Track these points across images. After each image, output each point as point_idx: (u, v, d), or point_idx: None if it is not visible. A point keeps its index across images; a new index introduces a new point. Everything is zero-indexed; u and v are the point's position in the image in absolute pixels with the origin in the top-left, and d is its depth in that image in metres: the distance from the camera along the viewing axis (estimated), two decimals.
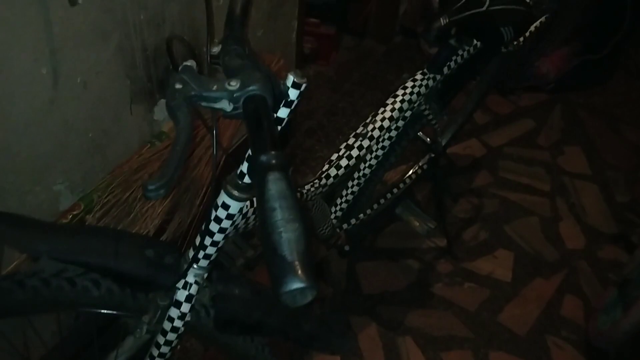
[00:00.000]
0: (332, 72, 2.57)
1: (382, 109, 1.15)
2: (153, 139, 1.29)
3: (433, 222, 1.59)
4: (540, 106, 2.51)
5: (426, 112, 1.28)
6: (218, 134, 0.71)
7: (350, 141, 1.13)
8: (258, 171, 0.51)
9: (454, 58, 1.22)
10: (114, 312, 0.85)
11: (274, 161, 0.51)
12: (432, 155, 1.65)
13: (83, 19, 1.00)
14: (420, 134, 1.48)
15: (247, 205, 0.86)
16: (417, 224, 1.59)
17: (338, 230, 1.45)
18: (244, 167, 0.73)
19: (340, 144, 1.16)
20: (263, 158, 0.51)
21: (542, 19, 1.42)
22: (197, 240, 0.78)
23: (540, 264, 1.85)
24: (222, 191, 0.73)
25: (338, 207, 1.39)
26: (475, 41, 1.23)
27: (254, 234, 1.51)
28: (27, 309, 0.80)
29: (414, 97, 1.18)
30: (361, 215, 1.49)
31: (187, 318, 0.83)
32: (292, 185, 0.50)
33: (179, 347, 0.95)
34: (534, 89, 2.54)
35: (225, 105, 0.59)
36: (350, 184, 1.35)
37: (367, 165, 1.32)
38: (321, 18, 2.53)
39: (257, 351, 0.97)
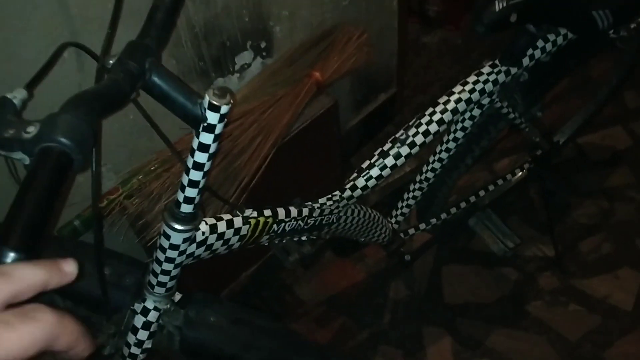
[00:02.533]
0: (460, 39, 2.29)
1: (430, 110, 0.94)
2: None
3: (515, 240, 1.33)
4: None
5: (504, 111, 1.04)
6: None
7: (386, 147, 0.94)
8: None
9: (537, 46, 0.96)
10: None
11: None
12: (540, 153, 1.37)
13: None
14: (527, 126, 1.20)
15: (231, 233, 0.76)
16: (492, 241, 1.34)
17: (402, 235, 1.28)
18: (180, 196, 0.63)
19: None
20: None
21: None
22: (152, 266, 0.71)
23: None
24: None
25: (399, 212, 1.22)
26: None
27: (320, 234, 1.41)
28: None
29: (475, 95, 0.94)
30: (433, 220, 1.29)
31: (147, 346, 0.76)
32: None
33: None
34: None
35: (23, 157, 0.45)
36: (411, 187, 1.18)
37: (429, 168, 1.13)
38: None
39: None
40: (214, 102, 0.54)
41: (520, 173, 1.47)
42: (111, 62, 0.55)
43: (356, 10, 1.47)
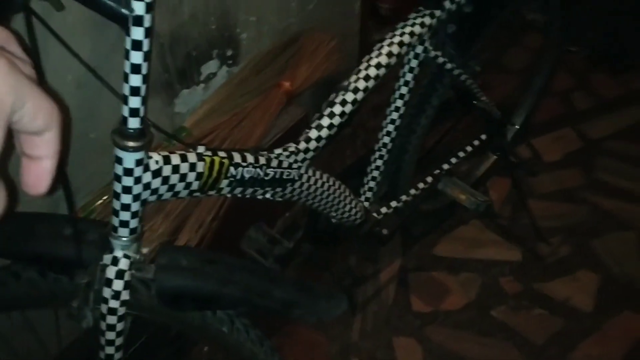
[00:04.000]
0: None
1: (367, 57, 0.97)
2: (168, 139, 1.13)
3: (484, 197, 1.37)
4: None
5: (441, 61, 1.08)
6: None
7: (331, 97, 0.97)
8: None
9: None
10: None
11: None
12: (492, 124, 1.41)
13: (64, 17, 0.84)
14: (475, 88, 1.26)
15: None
16: (464, 197, 1.37)
17: (376, 215, 1.25)
18: (124, 110, 0.62)
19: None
20: None
21: None
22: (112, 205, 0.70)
23: (631, 293, 1.54)
24: None
25: (366, 187, 1.22)
26: None
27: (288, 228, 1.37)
28: None
29: (406, 37, 0.97)
30: (404, 197, 1.28)
31: (124, 297, 0.73)
32: None
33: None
34: None
35: None
36: (372, 157, 1.18)
37: (384, 133, 1.14)
38: None
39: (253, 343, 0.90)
40: None
41: (477, 142, 1.48)
42: None
43: (322, 13, 1.42)
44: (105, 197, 1.05)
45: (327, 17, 1.46)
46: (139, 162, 0.65)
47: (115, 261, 0.72)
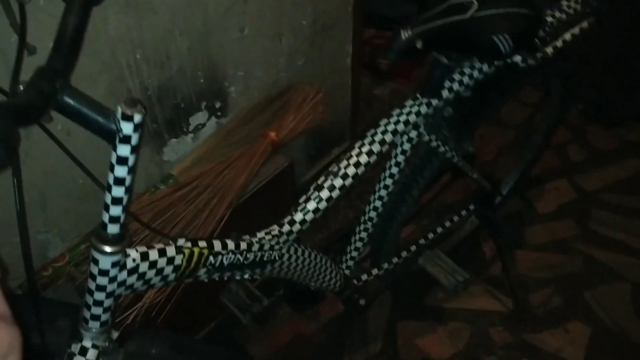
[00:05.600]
0: (411, 91, 2.35)
1: (359, 142, 0.98)
2: (158, 184, 1.18)
3: (464, 275, 1.37)
4: None
5: (434, 144, 1.08)
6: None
7: (320, 180, 0.97)
8: None
9: (454, 78, 1.01)
10: None
11: None
12: (482, 195, 1.42)
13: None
14: (461, 162, 1.24)
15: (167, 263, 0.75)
16: (443, 276, 1.37)
17: (355, 281, 1.27)
18: (105, 216, 0.64)
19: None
20: None
21: (585, 23, 1.13)
22: (84, 298, 0.70)
23: (623, 346, 1.52)
24: None
25: (348, 256, 1.23)
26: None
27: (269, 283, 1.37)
28: None
29: (400, 126, 0.98)
30: (385, 265, 1.30)
31: None
32: None
33: None
34: None
35: None
36: (357, 229, 1.19)
37: (371, 207, 1.15)
38: None
39: None
40: (127, 112, 0.55)
41: (465, 213, 1.50)
42: (21, 87, 0.55)
43: (311, 68, 1.49)
44: (88, 243, 1.10)
45: (317, 72, 1.52)
46: (115, 264, 0.67)
47: (83, 351, 0.72)
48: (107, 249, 0.65)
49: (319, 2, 1.38)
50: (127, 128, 0.57)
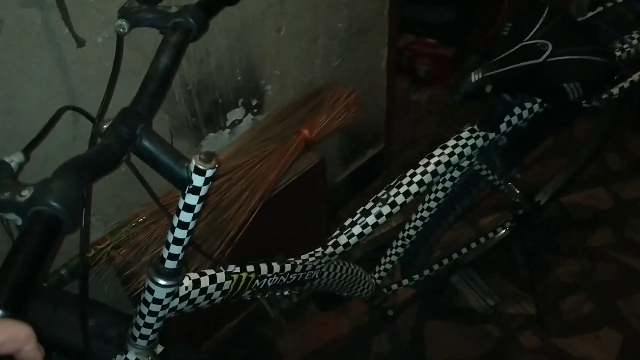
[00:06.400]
0: (448, 98, 2.37)
1: (411, 171, 0.97)
2: None
3: (495, 299, 1.35)
4: None
5: (484, 173, 1.08)
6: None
7: (368, 206, 0.98)
8: None
9: (514, 112, 1.00)
10: None
11: None
12: (521, 213, 1.41)
13: (104, 57, 0.97)
14: (509, 185, 1.24)
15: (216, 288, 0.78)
16: (474, 298, 1.36)
17: (385, 290, 1.30)
18: (165, 252, 0.66)
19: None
20: None
21: None
22: (135, 319, 0.73)
23: None
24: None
25: (382, 267, 1.24)
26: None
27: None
28: None
29: (454, 158, 0.98)
30: (416, 277, 1.31)
31: None
32: None
33: None
34: None
35: (16, 219, 0.47)
36: (394, 244, 1.20)
37: (411, 226, 1.16)
38: (439, 38, 2.35)
39: None
40: (200, 167, 0.57)
41: (503, 231, 1.51)
42: (105, 127, 0.57)
43: (346, 70, 1.53)
44: (133, 224, 1.16)
45: (353, 73, 1.57)
46: (169, 295, 0.70)
47: None
48: (162, 282, 0.68)
49: (355, 5, 1.42)
50: (198, 181, 0.59)
